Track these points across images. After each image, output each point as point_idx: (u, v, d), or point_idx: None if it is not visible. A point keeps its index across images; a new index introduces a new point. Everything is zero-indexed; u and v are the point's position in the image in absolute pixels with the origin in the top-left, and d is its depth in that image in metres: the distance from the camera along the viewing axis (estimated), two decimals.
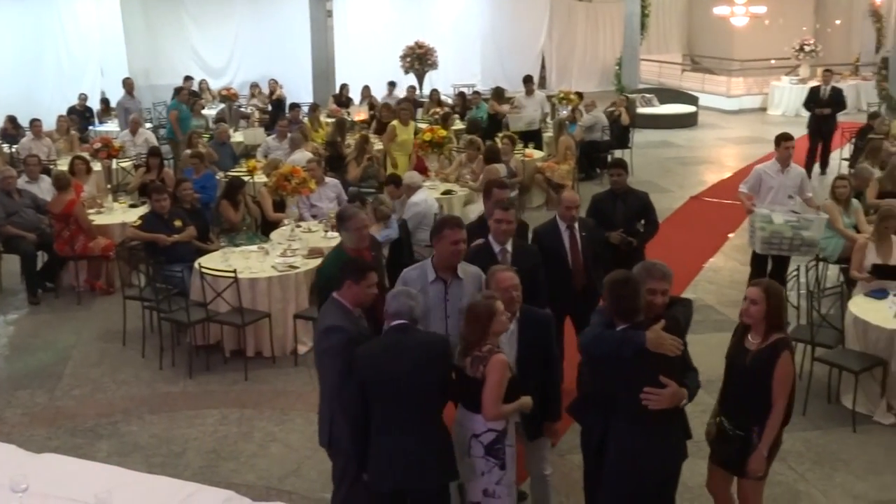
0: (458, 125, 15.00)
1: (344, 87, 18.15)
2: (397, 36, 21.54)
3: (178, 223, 8.84)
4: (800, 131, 18.57)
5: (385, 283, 6.12)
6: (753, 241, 8.56)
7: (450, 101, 17.93)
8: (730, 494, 5.02)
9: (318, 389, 4.97)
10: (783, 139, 8.70)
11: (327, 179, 10.35)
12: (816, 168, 14.78)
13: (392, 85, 18.48)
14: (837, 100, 14.74)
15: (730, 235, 11.74)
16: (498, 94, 15.78)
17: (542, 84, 24.89)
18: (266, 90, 19.19)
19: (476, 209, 9.67)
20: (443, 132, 11.59)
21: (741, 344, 4.77)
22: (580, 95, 16.00)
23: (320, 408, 4.91)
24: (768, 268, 8.61)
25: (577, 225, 6.66)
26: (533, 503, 5.41)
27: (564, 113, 14.56)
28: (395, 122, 12.75)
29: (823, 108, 14.55)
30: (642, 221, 7.79)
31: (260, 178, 11.23)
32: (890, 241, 7.51)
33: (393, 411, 4.43)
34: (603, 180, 14.96)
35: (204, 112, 15.97)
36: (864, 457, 6.38)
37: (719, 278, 10.22)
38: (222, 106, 17.40)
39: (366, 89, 17.88)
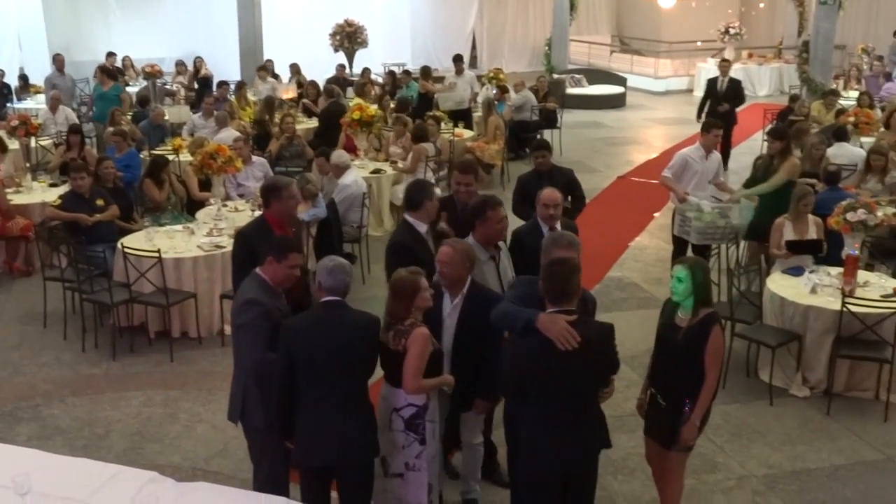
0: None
1: (268, 62, 17.88)
2: (326, 13, 21.28)
3: (99, 202, 8.65)
4: None
5: (307, 265, 6.09)
6: (685, 230, 8.63)
7: (380, 80, 17.81)
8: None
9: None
10: (714, 126, 8.75)
11: (254, 158, 10.24)
12: None
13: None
14: (736, 92, 13.97)
15: (655, 214, 11.95)
16: (425, 72, 15.75)
17: (473, 64, 24.91)
18: (191, 68, 18.82)
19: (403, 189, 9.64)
20: (372, 111, 11.53)
21: (671, 321, 4.87)
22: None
23: (233, 382, 4.87)
24: (689, 246, 8.77)
25: (559, 226, 6.04)
26: (463, 472, 5.49)
27: (492, 93, 14.58)
28: (358, 100, 12.76)
29: (722, 103, 13.66)
30: (569, 198, 7.86)
31: (185, 156, 11.04)
32: (806, 220, 7.72)
33: (320, 387, 4.42)
34: (530, 159, 15.08)
35: (127, 90, 15.61)
36: (780, 428, 6.59)
37: (644, 256, 10.41)
38: (145, 83, 17.03)
39: (294, 67, 17.66)
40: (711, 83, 14.16)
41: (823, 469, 6.08)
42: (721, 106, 13.50)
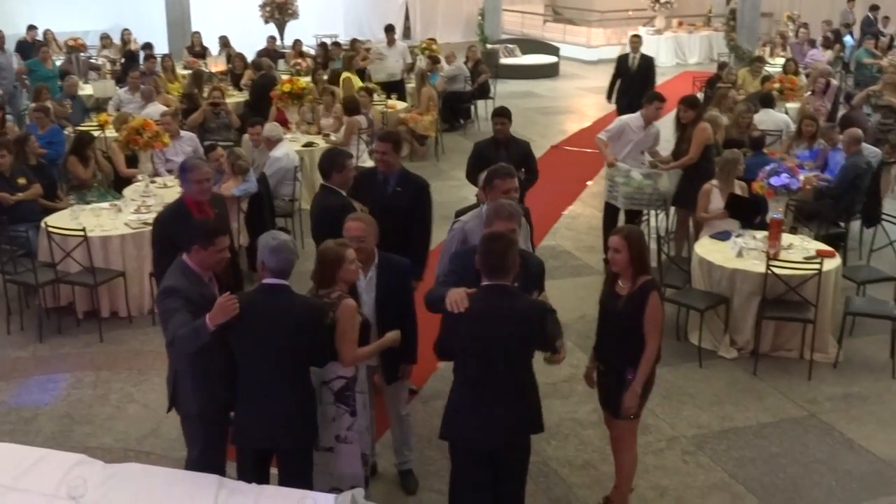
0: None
1: (196, 35, 17.52)
2: None
3: (21, 181, 8.42)
4: (656, 81, 19.22)
5: (235, 244, 6.02)
6: (614, 195, 8.72)
7: (312, 52, 17.59)
8: None
9: None
10: (656, 98, 8.74)
11: (183, 133, 10.04)
12: None
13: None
14: (647, 70, 12.96)
15: (588, 183, 12.06)
16: (353, 46, 15.52)
17: (407, 34, 24.76)
18: (118, 41, 18.35)
19: None
20: (302, 83, 11.38)
21: (612, 290, 4.92)
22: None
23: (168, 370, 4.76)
24: (620, 214, 8.87)
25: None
26: (394, 443, 5.52)
27: (424, 64, 14.50)
28: (348, 74, 12.79)
29: (632, 79, 12.75)
30: (522, 170, 7.87)
31: (111, 132, 10.78)
32: (733, 185, 7.87)
33: (262, 372, 4.36)
34: (466, 131, 15.14)
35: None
36: (709, 390, 6.74)
37: (577, 225, 10.51)
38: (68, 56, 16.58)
39: (223, 39, 17.34)
40: (622, 60, 13.21)
41: (750, 427, 6.24)
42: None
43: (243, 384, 4.42)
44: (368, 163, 9.94)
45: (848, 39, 18.93)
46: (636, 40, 13.40)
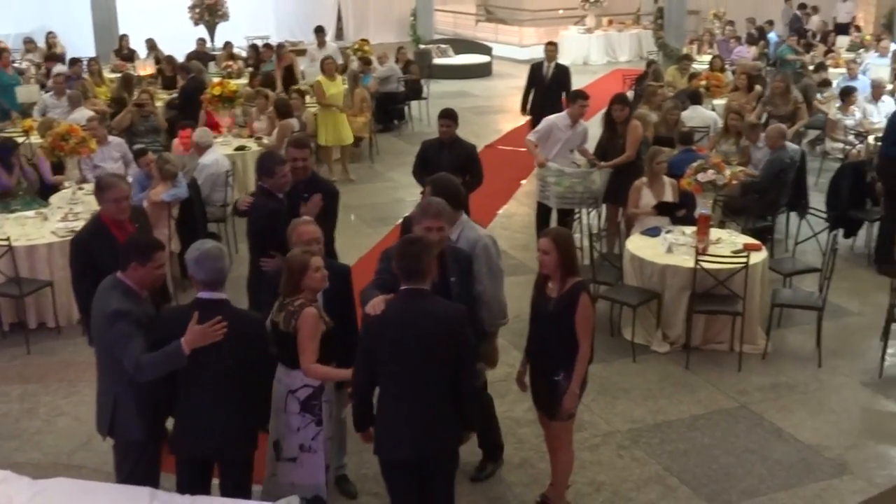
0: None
1: (123, 38, 17.19)
2: None
3: None
4: (587, 79, 19.52)
5: (171, 249, 5.94)
6: (546, 195, 8.80)
7: (243, 53, 17.40)
8: None
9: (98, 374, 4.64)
10: (580, 97, 8.87)
11: (111, 138, 9.85)
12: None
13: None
14: (562, 80, 12.01)
15: (522, 182, 12.15)
16: (279, 52, 15.34)
17: (340, 35, 24.65)
18: (43, 45, 17.92)
19: None
20: (233, 86, 11.26)
21: (543, 292, 4.94)
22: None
23: (99, 393, 4.60)
24: (553, 213, 8.96)
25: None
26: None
27: (356, 65, 14.44)
28: (320, 78, 12.24)
29: (547, 89, 11.96)
30: (466, 178, 7.88)
31: (36, 138, 10.53)
32: (662, 181, 8.00)
33: (203, 385, 4.29)
34: (401, 132, 15.15)
35: None
36: (643, 384, 6.85)
37: (512, 224, 10.58)
38: None
39: (150, 42, 17.06)
40: (535, 69, 12.22)
41: (683, 420, 6.36)
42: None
43: (184, 395, 4.35)
44: None
45: (772, 36, 19.40)
46: (552, 48, 12.31)
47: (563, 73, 12.07)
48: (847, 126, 11.95)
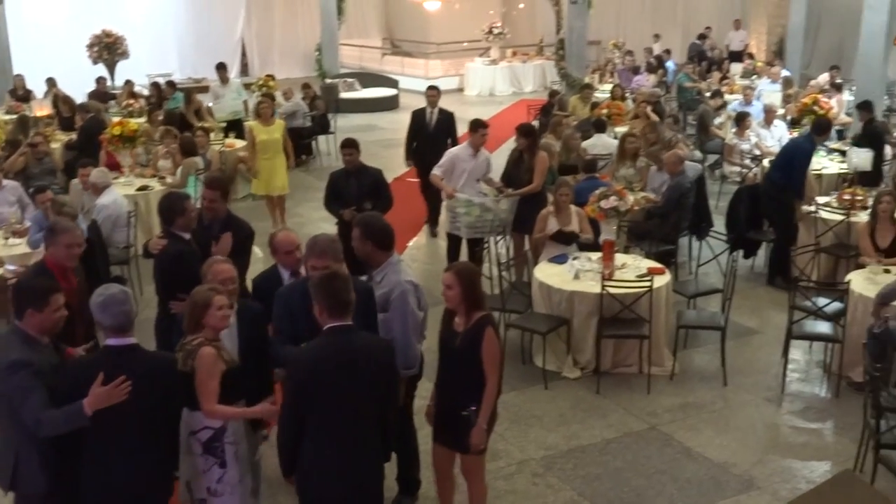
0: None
1: (18, 77, 16.71)
2: (83, 24, 20.15)
3: None
4: (493, 110, 19.79)
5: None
6: (456, 225, 8.87)
7: (145, 92, 17.10)
8: (452, 471, 5.21)
9: None
10: (479, 126, 9.03)
11: (5, 182, 9.52)
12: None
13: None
14: (446, 126, 11.10)
15: None
16: (188, 96, 15.10)
17: (245, 71, 24.47)
18: None
19: None
20: (134, 125, 11.05)
21: (450, 327, 4.92)
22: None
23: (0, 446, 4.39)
24: (463, 243, 9.03)
25: (302, 271, 5.43)
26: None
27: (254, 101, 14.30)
28: (251, 123, 11.47)
29: (431, 137, 11.02)
30: (369, 205, 7.91)
31: None
32: (568, 210, 8.13)
33: (117, 434, 4.14)
34: (309, 166, 15.06)
35: None
36: (555, 411, 6.91)
37: (422, 255, 10.61)
38: None
39: (50, 81, 16.64)
40: (418, 116, 11.32)
41: (596, 444, 6.43)
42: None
43: (93, 444, 4.17)
44: None
45: (670, 65, 20.02)
46: (433, 94, 11.31)
47: (447, 119, 11.13)
48: (743, 150, 12.37)
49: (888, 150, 11.26)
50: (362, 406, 4.21)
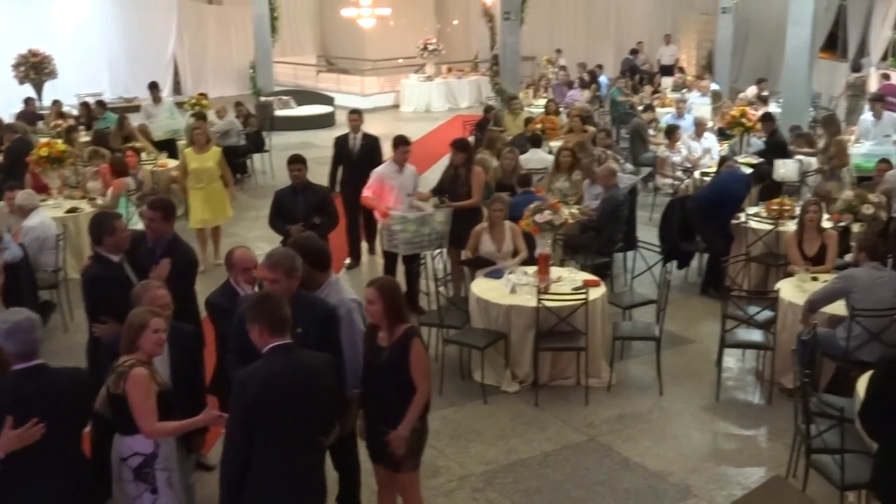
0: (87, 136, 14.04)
1: None
2: (9, 44, 19.71)
3: None
4: (429, 126, 19.87)
5: None
6: (394, 243, 8.83)
7: (74, 112, 16.77)
8: (394, 489, 5.16)
9: None
10: (401, 143, 9.03)
11: None
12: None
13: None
14: (371, 151, 10.48)
15: None
16: (121, 122, 14.80)
17: (178, 90, 24.17)
18: None
19: None
20: (61, 147, 10.81)
21: (374, 343, 4.88)
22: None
23: None
24: (398, 259, 9.01)
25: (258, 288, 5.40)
26: None
27: (192, 120, 14.14)
28: (187, 150, 10.81)
29: (355, 164, 10.34)
30: (318, 220, 8.00)
31: None
32: (502, 226, 8.17)
33: (35, 454, 4.02)
34: (244, 185, 14.91)
35: None
36: (495, 425, 6.91)
37: (360, 273, 10.55)
38: None
39: None
40: (341, 142, 10.71)
41: (535, 458, 6.45)
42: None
43: (13, 468, 4.03)
44: (139, 225, 9.54)
45: (603, 79, 20.32)
46: (355, 118, 10.72)
47: (371, 144, 10.57)
48: (674, 162, 12.59)
49: (813, 161, 11.54)
50: (309, 427, 4.20)
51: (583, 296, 7.17)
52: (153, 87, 14.97)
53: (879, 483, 4.41)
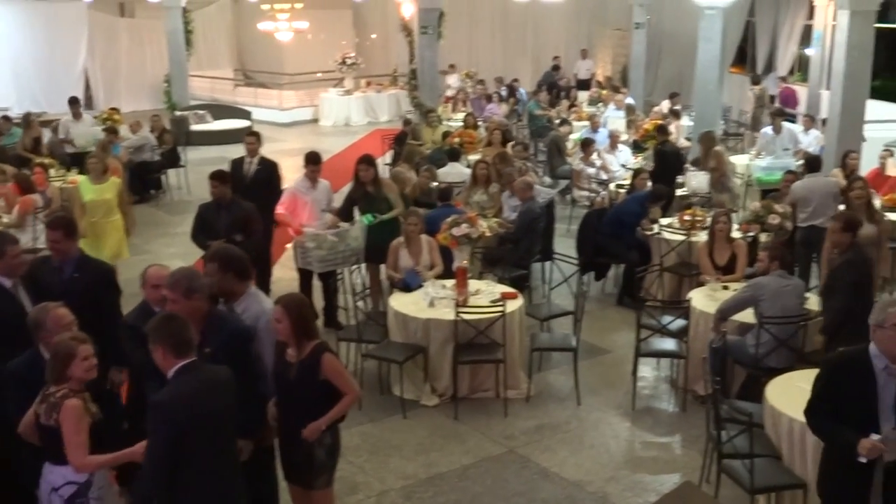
0: None
1: None
2: None
3: None
4: (349, 140, 19.80)
5: None
6: (308, 260, 8.74)
7: None
8: None
9: None
10: (311, 161, 8.93)
11: None
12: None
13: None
14: (267, 176, 9.79)
15: (287, 246, 11.97)
16: (27, 121, 14.45)
17: (89, 104, 23.57)
18: None
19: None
20: None
21: (283, 359, 4.85)
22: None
23: None
24: (314, 275, 8.93)
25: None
26: None
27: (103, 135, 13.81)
28: (82, 179, 10.02)
29: (250, 189, 9.22)
30: (239, 238, 7.74)
31: None
32: (419, 241, 8.17)
33: None
34: (159, 201, 14.64)
35: None
36: (414, 439, 6.90)
37: (279, 289, 10.36)
38: None
39: None
40: (235, 166, 9.94)
41: (455, 471, 6.45)
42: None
43: None
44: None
45: (521, 93, 20.55)
46: (252, 142, 10.03)
47: (267, 169, 9.87)
48: (590, 175, 12.78)
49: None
50: (228, 438, 4.25)
51: (501, 308, 7.21)
52: (73, 102, 14.59)
53: (819, 479, 4.59)
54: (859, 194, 8.22)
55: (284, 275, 10.90)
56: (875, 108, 14.13)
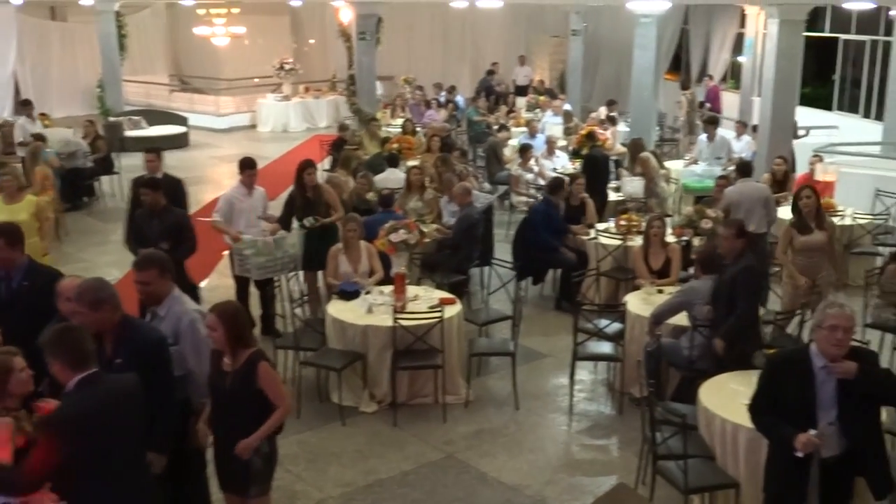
0: None
1: None
2: None
3: None
4: (287, 146, 19.66)
5: None
6: (246, 268, 8.65)
7: None
8: None
9: None
10: (246, 167, 8.86)
11: None
12: None
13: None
14: (174, 194, 9.00)
15: (224, 253, 11.86)
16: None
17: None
18: None
19: None
20: None
21: (219, 369, 4.79)
22: None
23: None
24: (251, 283, 8.85)
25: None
26: None
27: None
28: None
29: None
30: (165, 246, 7.52)
31: None
32: (358, 246, 8.14)
33: None
34: (92, 208, 14.37)
35: None
36: (353, 447, 6.87)
37: (214, 297, 10.18)
38: None
39: None
40: (137, 185, 8.86)
41: (394, 477, 6.44)
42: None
43: None
44: None
45: (459, 99, 20.63)
46: (152, 159, 9.54)
47: (173, 186, 9.40)
48: (528, 180, 12.87)
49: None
50: (139, 452, 4.18)
51: (439, 314, 7.22)
52: (26, 104, 14.32)
53: (764, 477, 4.73)
54: (807, 203, 8.25)
55: (221, 282, 10.79)
56: (804, 115, 14.53)
